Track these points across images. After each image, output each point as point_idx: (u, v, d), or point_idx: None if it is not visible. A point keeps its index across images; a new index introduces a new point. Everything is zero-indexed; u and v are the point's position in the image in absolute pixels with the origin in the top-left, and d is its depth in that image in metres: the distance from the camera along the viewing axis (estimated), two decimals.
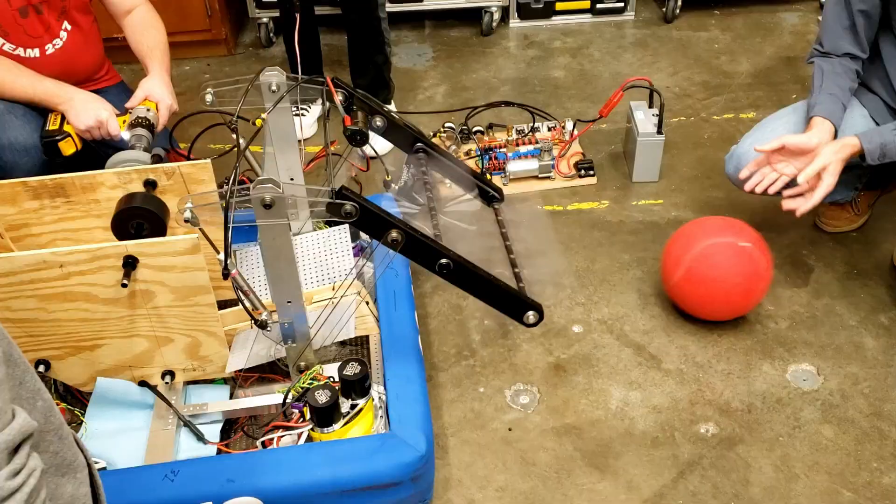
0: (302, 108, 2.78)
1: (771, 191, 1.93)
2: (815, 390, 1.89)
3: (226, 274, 1.44)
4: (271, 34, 3.40)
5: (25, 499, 0.80)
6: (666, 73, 3.13)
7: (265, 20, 3.36)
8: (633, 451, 1.77)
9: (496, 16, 3.44)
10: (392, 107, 2.88)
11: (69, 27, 2.08)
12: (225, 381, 1.79)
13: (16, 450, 0.81)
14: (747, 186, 1.94)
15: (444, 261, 1.60)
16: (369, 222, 1.53)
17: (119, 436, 1.64)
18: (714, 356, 1.98)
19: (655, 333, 2.04)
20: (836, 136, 1.90)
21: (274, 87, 1.71)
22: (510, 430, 1.83)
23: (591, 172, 2.57)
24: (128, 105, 2.02)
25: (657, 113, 2.47)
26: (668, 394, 1.89)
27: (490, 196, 2.02)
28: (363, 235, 2.06)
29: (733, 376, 1.93)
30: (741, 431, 1.80)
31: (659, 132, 2.47)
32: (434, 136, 2.69)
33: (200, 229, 1.45)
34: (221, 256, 1.42)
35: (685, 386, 1.91)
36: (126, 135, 1.93)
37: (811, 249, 2.28)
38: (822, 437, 1.79)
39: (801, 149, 1.87)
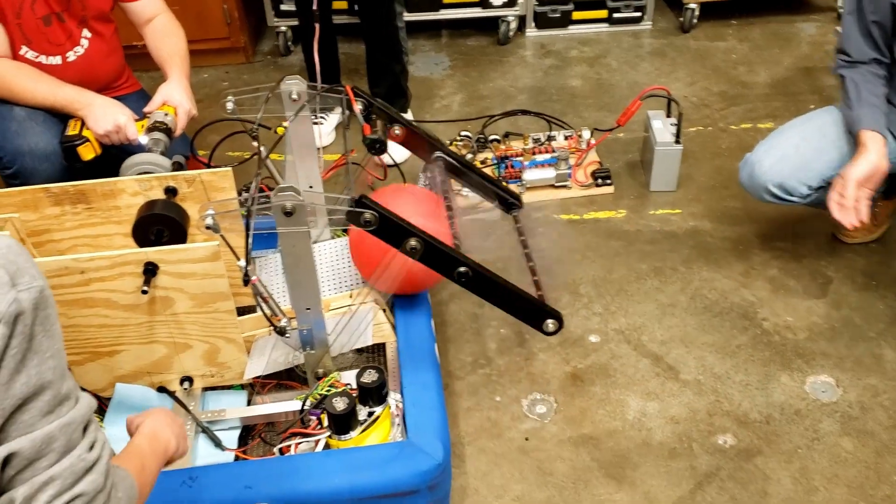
0: (320, 117, 2.79)
1: (865, 219, 1.89)
2: (834, 402, 1.88)
3: (246, 280, 1.44)
4: (289, 42, 3.42)
5: (105, 469, 0.90)
6: (683, 83, 3.13)
7: (283, 29, 3.39)
8: (650, 462, 1.76)
9: (513, 25, 3.45)
10: (409, 115, 2.88)
11: (89, 35, 2.10)
12: (242, 387, 1.79)
13: (85, 427, 0.89)
14: (849, 225, 1.90)
15: (462, 269, 1.60)
16: (388, 231, 1.53)
17: None
18: (732, 367, 1.97)
19: (673, 344, 2.04)
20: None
21: (294, 96, 1.72)
22: (527, 439, 1.82)
23: (609, 181, 2.56)
24: (146, 109, 2.04)
25: (675, 122, 2.47)
26: (685, 404, 1.88)
27: (509, 203, 2.02)
28: None
29: (751, 387, 1.92)
30: (759, 443, 1.79)
31: (677, 141, 2.46)
32: (450, 144, 2.70)
33: (221, 236, 1.46)
34: (242, 263, 1.42)
35: (703, 397, 1.90)
36: (144, 139, 1.95)
37: (829, 260, 2.27)
38: (841, 449, 1.77)
39: (868, 175, 1.87)
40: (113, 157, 2.04)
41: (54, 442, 0.85)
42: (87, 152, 1.97)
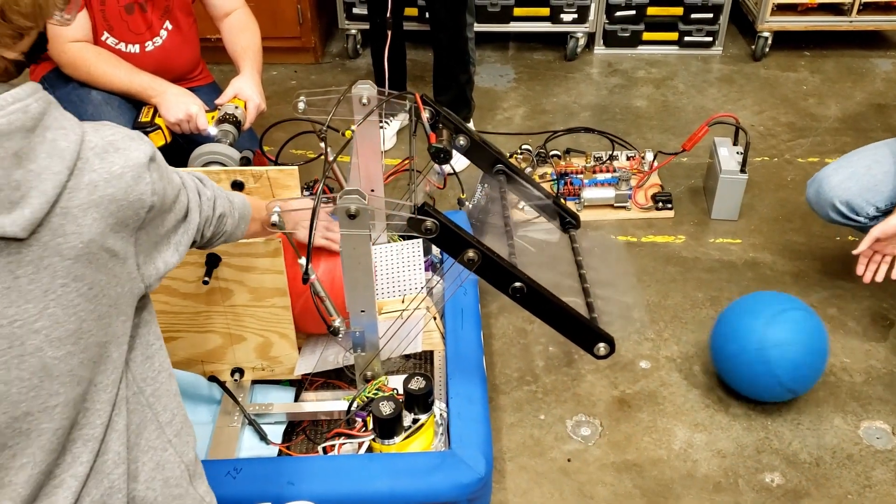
0: (384, 121, 2.81)
1: (879, 278, 1.89)
2: (889, 450, 1.83)
3: (305, 279, 1.46)
4: (358, 46, 3.46)
5: (222, 195, 1.28)
6: (751, 111, 3.08)
7: (353, 32, 3.42)
8: (693, 494, 1.73)
9: (581, 41, 3.44)
10: (471, 125, 2.89)
11: (170, 27, 2.14)
12: (290, 382, 1.81)
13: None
14: (866, 279, 1.90)
15: (517, 284, 1.59)
16: (448, 240, 1.53)
17: None
18: (784, 404, 1.93)
19: None
20: None
21: (364, 101, 1.73)
22: (569, 460, 1.80)
23: (669, 206, 2.54)
24: (217, 102, 2.07)
25: (742, 151, 2.43)
26: (734, 439, 1.85)
27: (566, 222, 2.01)
28: (434, 250, 2.06)
29: (803, 427, 1.88)
30: (807, 485, 1.75)
31: (742, 170, 2.43)
32: (510, 157, 2.69)
33: (285, 233, 1.48)
34: (303, 261, 1.44)
35: (752, 432, 1.86)
36: (213, 130, 1.98)
37: (892, 304, 2.21)
38: (893, 499, 1.72)
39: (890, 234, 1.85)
40: (180, 146, 2.09)
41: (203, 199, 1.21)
42: (158, 139, 2.02)
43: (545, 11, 3.38)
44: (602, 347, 1.67)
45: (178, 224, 1.11)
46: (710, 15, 3.38)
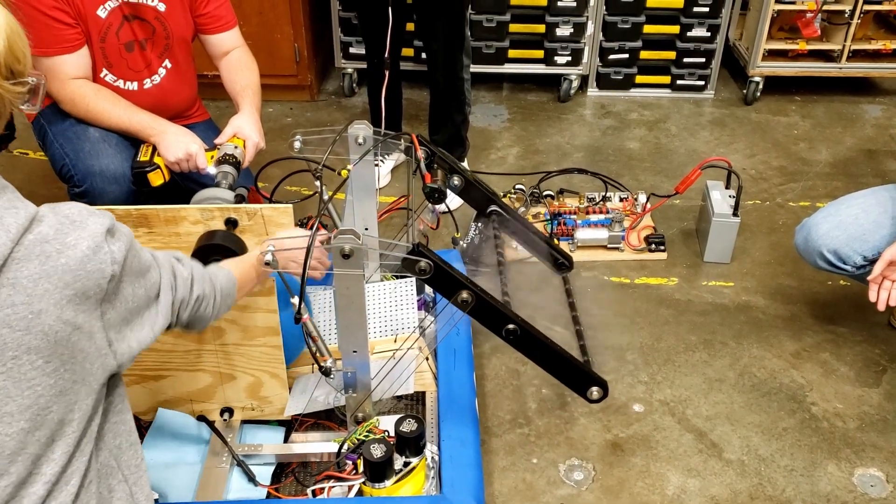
0: (378, 159, 2.82)
1: (893, 301, 1.86)
2: (884, 498, 1.81)
3: (297, 318, 1.45)
4: (354, 84, 3.48)
5: (199, 276, 1.26)
6: (743, 155, 3.11)
7: (350, 71, 3.45)
8: None
9: (575, 83, 3.48)
10: (465, 165, 2.90)
11: (169, 65, 2.15)
12: (280, 422, 1.79)
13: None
14: (880, 306, 1.87)
15: (511, 326, 1.59)
16: (442, 281, 1.53)
17: (173, 468, 1.65)
18: (778, 450, 1.92)
19: (718, 420, 1.99)
20: None
21: (360, 140, 1.74)
22: None
23: (662, 248, 2.54)
24: (217, 141, 2.07)
25: (734, 194, 2.45)
26: (727, 485, 1.83)
27: (560, 263, 2.02)
28: (427, 290, 2.06)
29: (796, 473, 1.86)
30: None
31: (735, 214, 2.44)
32: (504, 196, 2.70)
33: (278, 273, 1.47)
34: (296, 301, 1.43)
35: (746, 478, 1.85)
36: (212, 170, 1.98)
37: (884, 349, 2.21)
38: None
39: None
40: (177, 185, 2.08)
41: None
42: (157, 178, 2.01)
43: (539, 54, 3.42)
44: (595, 391, 1.67)
45: (150, 301, 1.11)
46: (703, 59, 3.42)
